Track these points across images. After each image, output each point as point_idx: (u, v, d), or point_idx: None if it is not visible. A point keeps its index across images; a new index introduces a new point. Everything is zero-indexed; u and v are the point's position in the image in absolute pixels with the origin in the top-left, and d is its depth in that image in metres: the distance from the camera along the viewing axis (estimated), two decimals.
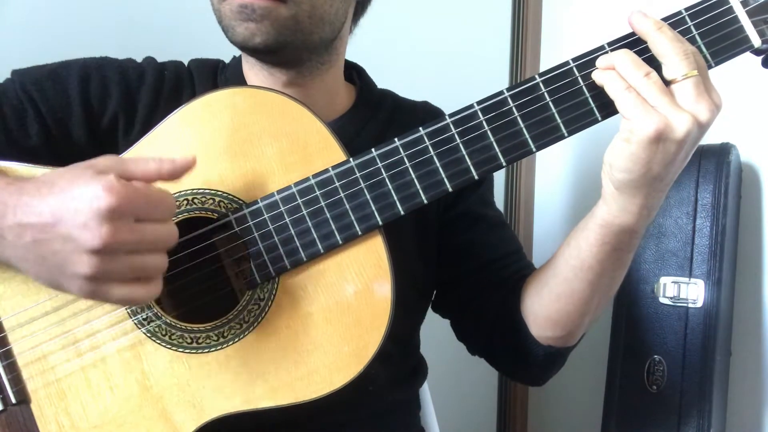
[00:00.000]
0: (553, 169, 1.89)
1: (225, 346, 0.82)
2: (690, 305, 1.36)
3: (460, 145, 0.79)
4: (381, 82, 1.11)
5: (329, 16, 0.92)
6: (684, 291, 1.36)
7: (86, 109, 0.93)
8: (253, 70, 0.98)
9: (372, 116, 1.04)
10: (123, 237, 0.67)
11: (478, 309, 1.02)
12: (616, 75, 0.75)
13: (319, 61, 0.97)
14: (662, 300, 1.39)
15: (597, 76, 0.77)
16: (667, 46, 0.74)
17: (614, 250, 0.83)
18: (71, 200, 0.68)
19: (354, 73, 1.09)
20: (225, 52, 1.04)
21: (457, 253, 1.04)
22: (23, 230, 0.70)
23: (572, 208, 1.86)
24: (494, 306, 0.99)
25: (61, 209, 0.68)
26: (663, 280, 1.39)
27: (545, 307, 0.92)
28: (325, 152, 0.82)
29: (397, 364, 1.03)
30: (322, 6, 0.90)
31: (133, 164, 0.72)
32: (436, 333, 1.16)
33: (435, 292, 1.09)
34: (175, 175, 0.73)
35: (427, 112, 1.10)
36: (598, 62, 0.77)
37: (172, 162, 0.73)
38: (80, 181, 0.68)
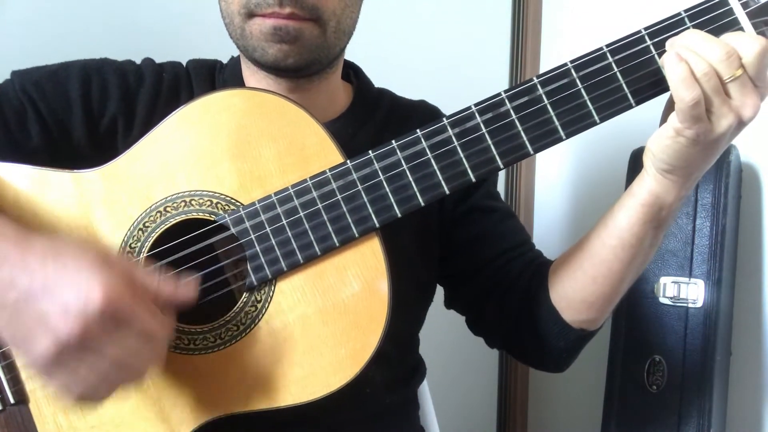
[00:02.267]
0: (553, 169, 1.89)
1: (222, 347, 0.82)
2: (690, 305, 1.35)
3: (458, 147, 0.79)
4: (380, 82, 1.11)
5: (349, 28, 0.94)
6: (684, 291, 1.36)
7: (86, 111, 0.93)
8: (255, 76, 0.97)
9: (369, 116, 1.04)
10: (92, 342, 0.68)
11: (500, 298, 1.01)
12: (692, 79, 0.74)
13: (328, 68, 0.97)
14: (662, 300, 1.39)
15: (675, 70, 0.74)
16: (712, 57, 0.73)
17: (655, 228, 0.85)
18: (67, 283, 0.68)
19: (351, 73, 1.08)
20: (222, 52, 1.04)
21: (473, 244, 1.04)
22: (11, 288, 0.69)
23: (572, 208, 1.86)
24: (518, 294, 0.99)
25: (53, 285, 0.68)
26: (663, 280, 1.39)
27: (580, 290, 0.92)
28: (322, 154, 0.82)
29: (396, 365, 1.03)
30: (345, 20, 0.92)
31: (139, 273, 0.73)
32: (435, 333, 1.15)
33: (450, 287, 1.09)
34: (168, 303, 0.74)
35: (424, 111, 1.10)
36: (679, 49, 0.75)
37: (174, 292, 0.74)
38: (84, 271, 0.69)
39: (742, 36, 0.74)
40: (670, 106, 0.81)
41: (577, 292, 0.92)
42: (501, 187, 1.91)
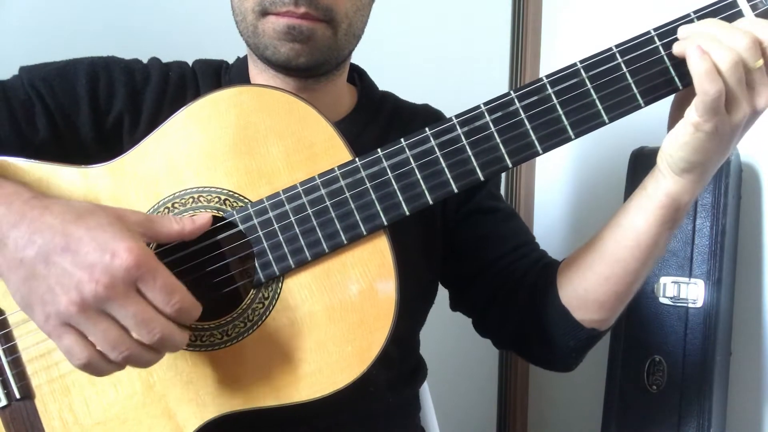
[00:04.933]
0: (553, 169, 1.90)
1: (229, 344, 0.82)
2: (690, 305, 1.36)
3: (466, 146, 0.79)
4: (381, 83, 1.11)
5: (359, 30, 0.95)
6: (684, 291, 1.36)
7: (93, 108, 0.93)
8: (262, 75, 0.98)
9: (373, 119, 1.04)
10: (116, 300, 0.68)
11: (506, 299, 1.01)
12: (716, 72, 0.73)
13: (336, 69, 0.98)
14: (662, 300, 1.39)
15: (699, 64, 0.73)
16: (739, 46, 0.73)
17: (670, 229, 0.86)
18: (90, 242, 0.68)
19: (355, 75, 1.09)
20: (228, 52, 1.04)
21: (477, 245, 1.05)
22: (30, 244, 0.69)
23: (572, 208, 1.86)
24: (524, 294, 0.99)
25: (76, 244, 0.68)
26: (663, 280, 1.39)
27: (593, 290, 0.92)
28: (330, 152, 0.82)
29: (398, 365, 1.03)
30: (356, 23, 0.93)
31: (159, 225, 0.76)
32: (436, 333, 1.16)
33: (455, 289, 1.10)
34: (194, 234, 0.78)
35: (427, 115, 1.11)
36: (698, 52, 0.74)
37: (192, 222, 0.78)
38: (108, 231, 0.69)
39: (760, 23, 0.74)
40: (677, 107, 0.81)
41: (589, 292, 0.92)
42: (501, 187, 1.91)
